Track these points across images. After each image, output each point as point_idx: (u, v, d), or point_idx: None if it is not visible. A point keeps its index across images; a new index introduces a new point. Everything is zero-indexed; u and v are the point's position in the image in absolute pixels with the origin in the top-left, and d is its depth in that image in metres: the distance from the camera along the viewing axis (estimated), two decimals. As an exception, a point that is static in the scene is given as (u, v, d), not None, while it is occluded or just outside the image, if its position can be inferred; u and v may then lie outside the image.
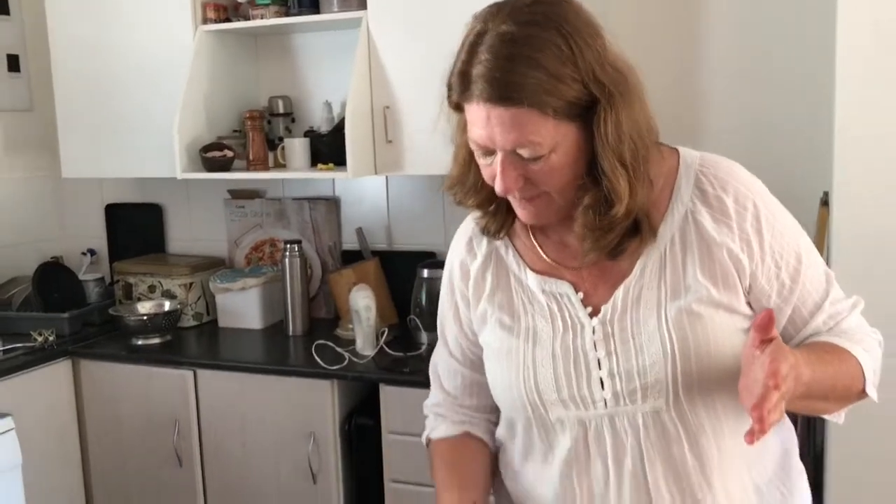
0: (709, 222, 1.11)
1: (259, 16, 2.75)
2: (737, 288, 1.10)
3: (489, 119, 1.03)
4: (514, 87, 1.00)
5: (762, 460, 1.17)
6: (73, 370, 2.85)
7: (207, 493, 2.71)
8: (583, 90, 1.02)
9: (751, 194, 1.12)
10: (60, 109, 3.06)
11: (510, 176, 1.06)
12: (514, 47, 1.01)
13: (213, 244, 3.26)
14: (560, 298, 1.16)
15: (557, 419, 1.14)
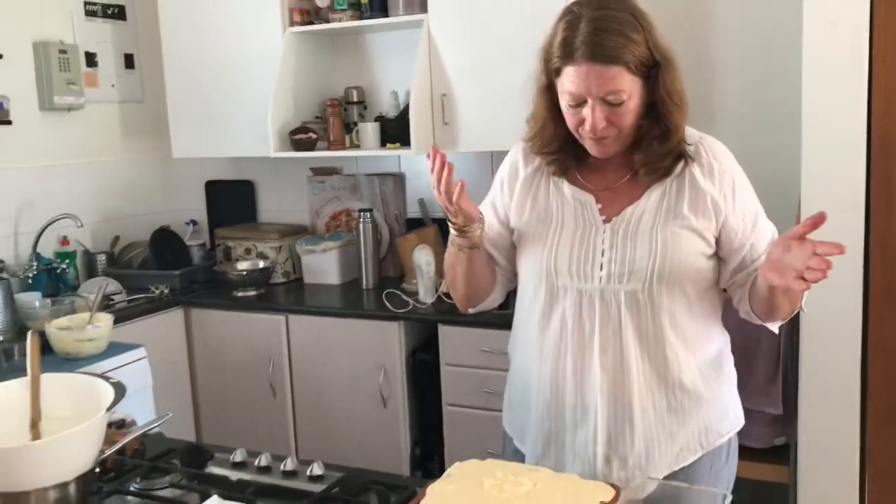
0: (699, 176, 1.57)
1: (337, 19, 3.25)
2: (711, 222, 1.56)
3: (588, 75, 1.44)
4: (609, 49, 1.43)
5: (703, 350, 1.61)
6: (184, 317, 3.42)
7: (297, 417, 3.25)
8: (649, 55, 1.47)
9: (732, 167, 1.59)
10: (171, 99, 3.61)
11: (599, 117, 1.47)
12: (606, 23, 1.45)
13: (298, 214, 3.80)
14: (584, 205, 1.60)
15: (562, 285, 1.58)
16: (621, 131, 1.51)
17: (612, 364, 1.57)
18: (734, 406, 1.71)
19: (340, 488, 1.49)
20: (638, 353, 1.56)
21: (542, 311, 1.63)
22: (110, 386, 1.45)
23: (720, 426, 1.65)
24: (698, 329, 1.61)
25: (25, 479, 1.30)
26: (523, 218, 1.66)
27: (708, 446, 1.63)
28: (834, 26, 2.19)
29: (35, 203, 3.42)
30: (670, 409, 1.59)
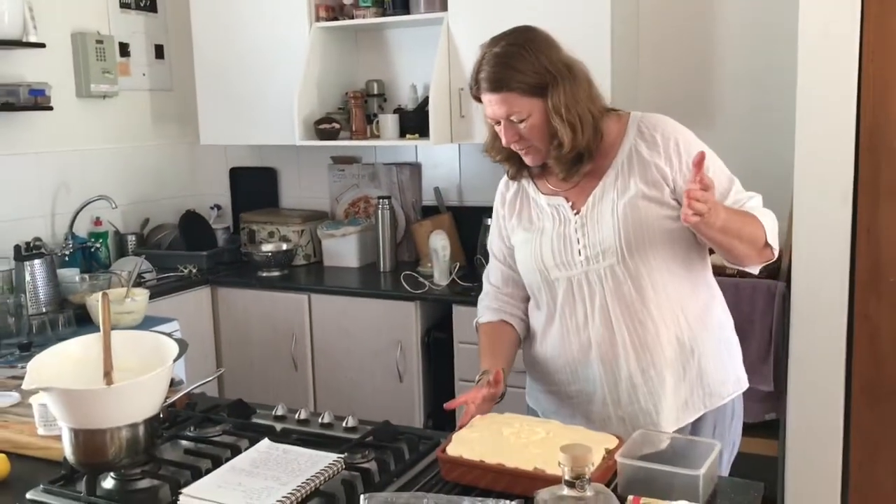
0: (644, 150, 1.73)
1: (361, 15, 3.44)
2: (662, 188, 1.70)
3: (491, 102, 1.70)
4: (500, 80, 1.68)
5: (690, 305, 1.77)
6: (211, 295, 3.62)
7: (316, 390, 3.45)
8: (539, 78, 1.67)
9: (674, 133, 1.74)
10: (200, 89, 3.80)
11: (509, 134, 1.72)
12: (499, 59, 1.68)
13: (318, 200, 3.98)
14: (557, 207, 1.80)
15: (555, 278, 1.78)
16: (536, 143, 1.73)
17: (606, 336, 1.76)
18: (734, 369, 1.87)
19: (374, 437, 1.68)
20: (627, 321, 1.74)
21: (545, 303, 1.84)
22: (174, 342, 1.64)
23: (722, 389, 1.81)
24: (681, 285, 1.76)
25: (103, 419, 1.49)
26: (515, 233, 1.88)
27: (711, 405, 1.80)
28: (826, 31, 2.37)
29: (70, 185, 3.62)
30: (666, 364, 1.75)
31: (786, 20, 2.80)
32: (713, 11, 3.19)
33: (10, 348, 2.71)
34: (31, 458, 1.66)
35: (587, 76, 1.75)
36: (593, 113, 1.73)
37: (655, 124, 1.77)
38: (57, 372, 1.55)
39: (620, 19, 3.07)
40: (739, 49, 3.16)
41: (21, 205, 3.42)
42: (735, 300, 2.79)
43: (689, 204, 1.51)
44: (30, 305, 2.95)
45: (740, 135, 3.18)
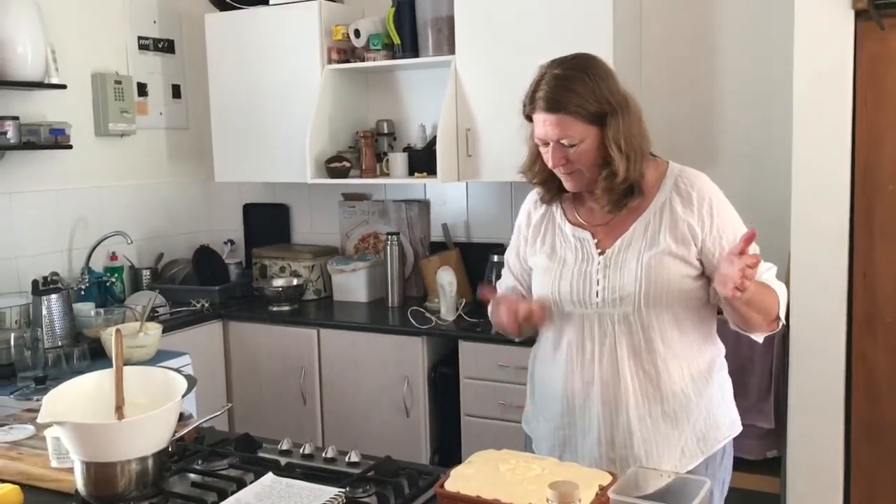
0: (678, 205, 1.76)
1: (372, 58, 3.53)
2: (690, 247, 1.76)
3: (545, 122, 1.73)
4: (559, 102, 1.71)
5: (695, 361, 1.82)
6: (223, 329, 3.68)
7: (325, 424, 3.49)
8: (599, 106, 1.71)
9: (709, 193, 1.78)
10: (215, 127, 3.90)
11: (556, 156, 1.74)
12: (559, 81, 1.72)
13: (329, 236, 4.06)
14: (582, 241, 1.83)
15: (568, 312, 1.82)
16: (582, 169, 1.76)
17: (610, 378, 1.79)
18: (729, 413, 1.90)
19: (375, 472, 1.73)
20: (632, 368, 1.78)
21: (554, 335, 1.88)
22: (183, 378, 1.70)
23: (717, 433, 1.84)
24: (690, 343, 1.80)
25: (113, 452, 1.55)
26: (535, 257, 1.91)
27: (707, 451, 1.83)
28: (819, 77, 2.44)
29: (88, 221, 3.71)
30: (664, 415, 1.79)
31: (782, 66, 2.87)
32: (713, 57, 3.26)
33: (27, 381, 2.79)
34: (44, 490, 1.71)
35: (640, 112, 1.80)
36: (645, 149, 1.78)
37: (693, 181, 1.79)
38: (70, 406, 1.62)
39: (623, 63, 3.14)
40: (738, 94, 3.23)
41: (40, 240, 3.52)
42: (735, 340, 2.81)
43: (741, 282, 1.53)
44: (46, 339, 3.02)
45: (739, 178, 3.23)
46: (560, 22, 3.10)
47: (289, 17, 3.63)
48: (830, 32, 2.45)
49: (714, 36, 3.25)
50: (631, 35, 3.26)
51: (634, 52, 3.32)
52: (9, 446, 1.87)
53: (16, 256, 3.42)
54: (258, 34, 3.71)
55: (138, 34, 3.95)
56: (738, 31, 3.21)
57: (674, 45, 3.32)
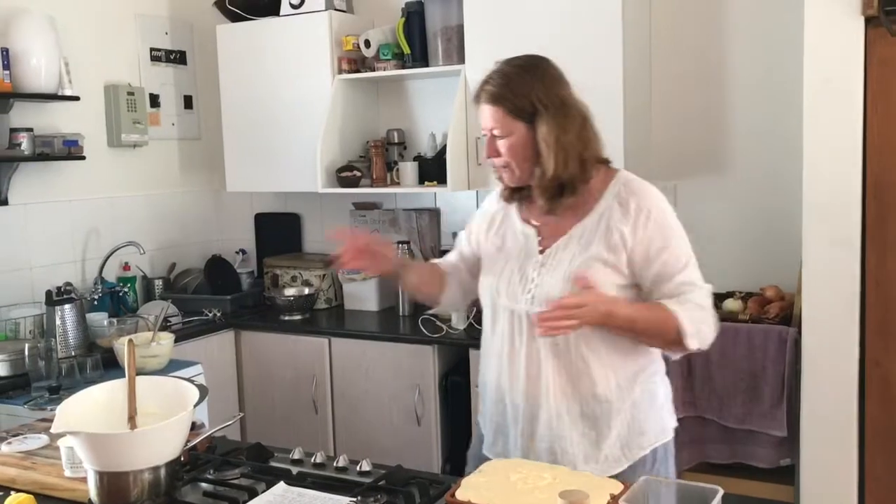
0: (617, 214, 1.80)
1: (382, 68, 3.55)
2: (621, 255, 1.78)
3: (481, 112, 1.83)
4: (492, 95, 1.81)
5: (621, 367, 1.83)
6: (235, 338, 3.70)
7: (336, 432, 3.50)
8: (530, 104, 1.78)
9: (649, 204, 1.80)
10: (227, 138, 3.92)
11: (489, 148, 1.84)
12: (500, 76, 1.82)
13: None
14: (527, 237, 1.90)
15: (502, 306, 1.89)
16: (510, 162, 1.83)
17: (534, 374, 1.85)
18: (659, 421, 1.91)
19: (386, 481, 1.73)
20: (554, 367, 1.83)
21: (491, 327, 1.95)
22: (195, 388, 1.71)
23: (641, 440, 1.86)
24: (616, 349, 1.83)
25: (126, 462, 1.56)
26: (484, 247, 2.00)
27: (632, 458, 1.86)
28: (830, 84, 2.44)
29: (101, 231, 3.74)
30: (583, 416, 1.84)
31: (792, 73, 2.88)
32: (723, 65, 3.26)
33: (40, 391, 2.80)
34: (57, 500, 1.72)
35: (584, 118, 1.85)
36: (581, 152, 1.82)
37: (636, 191, 1.83)
38: (83, 416, 1.63)
39: (632, 71, 3.15)
40: (749, 102, 3.23)
41: (54, 250, 3.54)
42: (748, 346, 2.83)
43: (545, 329, 1.65)
44: (59, 349, 3.04)
45: (750, 186, 3.24)
46: (570, 31, 3.11)
47: (299, 27, 3.65)
48: (840, 38, 2.44)
49: (723, 43, 3.25)
50: (640, 43, 3.27)
51: (644, 61, 3.32)
52: (23, 456, 1.89)
53: (30, 267, 3.45)
54: (269, 45, 3.74)
55: (150, 46, 3.98)
56: (748, 38, 3.21)
57: (683, 53, 3.32)
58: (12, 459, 1.86)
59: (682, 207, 3.33)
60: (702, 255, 3.40)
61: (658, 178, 3.37)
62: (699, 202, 3.34)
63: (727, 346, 2.86)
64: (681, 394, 2.94)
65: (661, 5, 3.33)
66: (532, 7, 3.17)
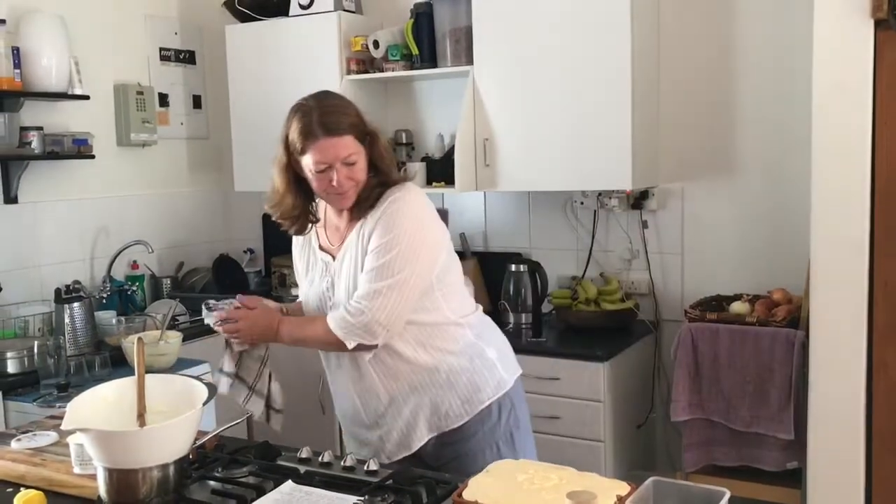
0: (368, 226, 1.99)
1: (390, 69, 3.56)
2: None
3: (328, 146, 1.92)
4: (338, 125, 1.94)
5: (428, 338, 2.05)
6: (242, 337, 3.70)
7: (343, 433, 3.49)
8: (364, 126, 1.99)
9: (391, 219, 1.96)
10: (235, 137, 3.93)
11: (342, 175, 1.94)
12: (329, 108, 1.96)
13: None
14: (326, 264, 2.10)
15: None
16: (357, 185, 1.98)
17: (355, 373, 2.08)
18: (493, 377, 2.12)
19: (394, 480, 1.74)
20: (370, 359, 2.04)
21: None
22: (204, 386, 1.72)
23: (480, 395, 2.08)
24: (418, 327, 2.04)
25: (135, 459, 1.57)
26: (300, 278, 2.24)
27: (472, 411, 2.07)
28: (839, 85, 2.43)
29: (110, 230, 3.75)
30: (412, 388, 2.05)
31: (801, 75, 2.88)
32: (732, 66, 3.26)
33: (49, 388, 2.82)
34: (67, 496, 1.73)
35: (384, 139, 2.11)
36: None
37: (389, 199, 1.99)
38: (93, 413, 1.64)
39: (641, 74, 3.15)
40: (758, 105, 3.23)
41: (63, 249, 3.56)
42: (755, 349, 2.83)
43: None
44: (68, 347, 3.06)
45: (758, 189, 3.24)
46: (578, 33, 3.11)
47: (308, 28, 3.66)
48: (850, 41, 2.44)
49: (732, 45, 3.25)
50: (649, 46, 3.27)
51: (652, 63, 3.32)
52: (32, 452, 1.90)
53: (38, 265, 3.47)
54: (278, 45, 3.75)
55: (160, 45, 4.00)
56: (757, 41, 3.20)
57: (692, 56, 3.32)
58: (22, 456, 1.87)
59: (690, 209, 3.38)
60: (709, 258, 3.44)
61: (666, 180, 3.42)
62: (707, 204, 3.35)
63: (734, 349, 2.86)
64: (688, 396, 2.95)
65: (670, 7, 3.33)
66: (540, 9, 3.18)
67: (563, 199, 3.58)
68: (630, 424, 3.29)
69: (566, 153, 3.19)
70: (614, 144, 3.09)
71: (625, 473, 3.15)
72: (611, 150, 3.10)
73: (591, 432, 3.07)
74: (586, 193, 3.50)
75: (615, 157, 3.09)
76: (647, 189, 3.39)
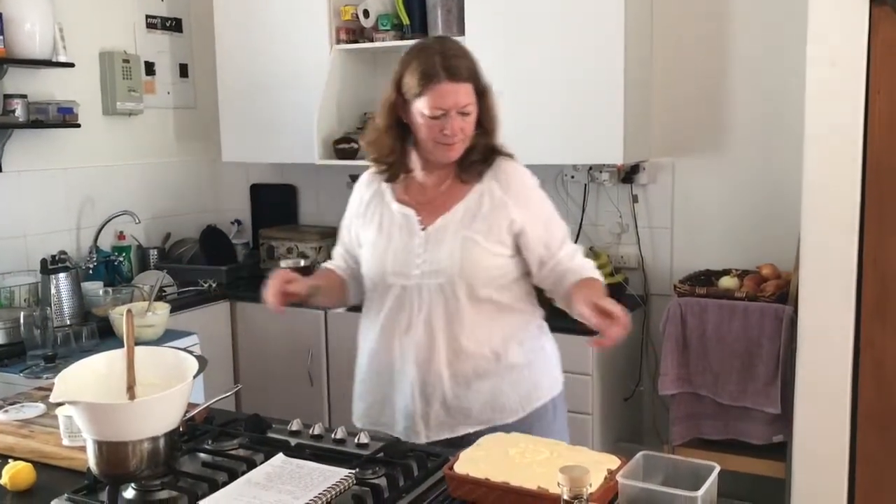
0: (497, 190, 1.92)
1: (380, 38, 3.52)
2: (501, 230, 1.91)
3: (449, 91, 1.83)
4: (461, 71, 1.86)
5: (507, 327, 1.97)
6: (230, 309, 3.69)
7: (331, 405, 3.51)
8: (482, 78, 1.91)
9: (524, 182, 1.94)
10: (222, 107, 3.89)
11: (457, 125, 1.86)
12: (454, 52, 1.89)
13: (336, 217, 3.95)
14: (407, 218, 1.97)
15: (390, 283, 1.96)
16: (466, 138, 1.91)
17: (425, 340, 1.94)
18: (550, 374, 2.07)
19: (385, 454, 1.74)
20: (444, 331, 1.93)
21: (376, 304, 2.02)
22: (194, 358, 1.71)
23: (538, 393, 2.02)
24: (501, 311, 1.96)
25: (125, 432, 1.55)
26: (365, 231, 2.04)
27: (528, 408, 1.99)
28: (833, 63, 2.42)
29: (96, 200, 3.72)
30: (476, 374, 1.95)
31: (795, 54, 2.83)
32: (725, 42, 3.24)
33: (36, 360, 2.80)
34: (56, 468, 1.73)
35: None
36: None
37: (513, 171, 1.96)
38: (82, 385, 1.62)
39: (633, 47, 3.13)
40: (750, 80, 3.22)
41: (48, 219, 3.52)
42: (743, 323, 2.84)
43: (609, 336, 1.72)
44: (55, 318, 3.03)
45: (749, 164, 3.24)
46: (570, 5, 3.08)
47: (297, -4, 3.61)
48: (845, 18, 2.43)
49: (726, 20, 3.23)
50: (642, 18, 3.24)
51: (645, 37, 3.30)
52: (20, 424, 1.89)
53: (24, 235, 3.43)
54: (266, 14, 3.70)
55: (146, 13, 3.94)
56: (751, 17, 3.18)
57: (685, 30, 3.30)
58: (10, 427, 1.86)
59: (680, 184, 3.37)
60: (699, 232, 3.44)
61: (657, 154, 3.41)
62: (697, 179, 3.35)
63: (723, 324, 2.88)
64: (676, 370, 2.96)
65: (664, -20, 3.31)
66: (534, -21, 3.14)
67: (553, 173, 3.56)
68: (618, 397, 3.31)
69: (557, 127, 3.18)
70: (606, 118, 3.08)
71: (612, 446, 3.17)
72: (602, 124, 3.08)
73: (578, 405, 3.08)
74: (577, 167, 3.49)
75: (606, 131, 3.08)
76: (637, 163, 3.38)
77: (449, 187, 1.96)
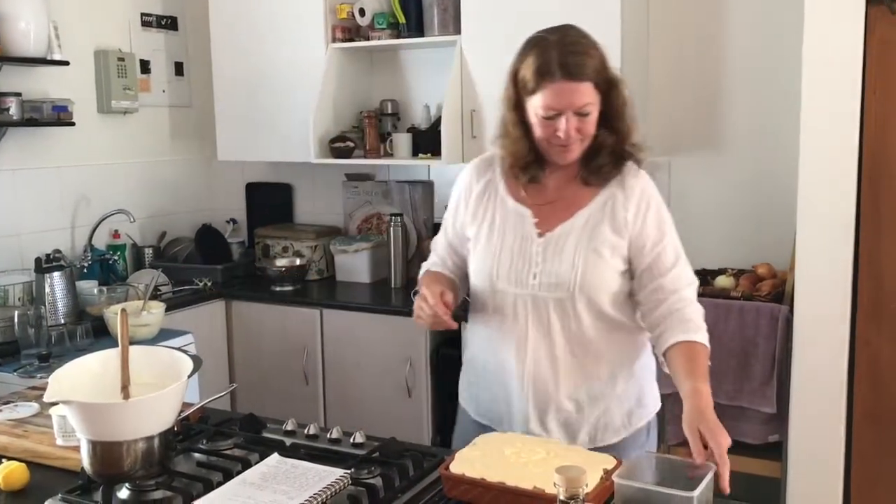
0: (620, 199, 1.79)
1: (376, 37, 3.51)
2: (623, 241, 1.78)
3: (564, 91, 1.68)
4: (580, 68, 1.69)
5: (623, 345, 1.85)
6: (225, 308, 3.68)
7: (327, 404, 3.50)
8: (607, 73, 1.73)
9: (649, 194, 1.82)
10: (218, 106, 3.88)
11: (572, 127, 1.71)
12: (573, 46, 1.71)
13: (332, 216, 4.05)
14: (522, 217, 1.83)
15: (503, 290, 1.82)
16: (585, 139, 1.76)
17: (544, 357, 1.82)
18: (652, 392, 1.95)
19: (380, 453, 1.73)
20: (565, 350, 1.81)
21: (489, 309, 1.87)
22: (189, 358, 1.70)
23: (642, 411, 1.90)
24: (617, 329, 1.84)
25: (120, 431, 1.55)
26: (473, 227, 1.89)
27: (632, 427, 1.89)
28: (829, 62, 2.42)
29: (91, 198, 3.70)
30: (590, 396, 1.84)
31: (791, 53, 2.83)
32: (721, 42, 3.24)
33: (30, 359, 2.79)
34: (50, 468, 1.72)
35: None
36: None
37: (639, 181, 1.83)
38: (76, 385, 1.61)
39: (630, 46, 3.13)
40: (745, 79, 3.21)
41: (43, 217, 3.51)
42: (739, 323, 2.84)
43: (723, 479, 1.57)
44: (49, 317, 3.02)
45: (745, 163, 3.24)
46: (567, 4, 3.07)
47: (293, -6, 3.60)
48: (841, 17, 2.43)
49: (722, 19, 3.23)
50: (639, 18, 3.24)
51: (642, 35, 3.29)
52: (14, 423, 1.88)
53: (18, 234, 3.41)
54: (262, 12, 3.68)
55: (141, 11, 3.92)
56: (748, 15, 3.18)
57: (681, 30, 3.30)
58: (4, 427, 1.85)
59: (676, 183, 3.37)
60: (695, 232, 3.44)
61: (653, 154, 3.38)
62: (693, 178, 3.34)
63: (718, 323, 2.87)
64: (671, 370, 2.96)
65: (660, -21, 3.30)
66: (530, -22, 3.14)
67: (549, 172, 3.56)
68: (613, 397, 3.31)
69: (553, 125, 3.17)
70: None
71: (608, 446, 3.17)
72: (598, 123, 3.07)
73: (574, 405, 3.08)
74: (573, 166, 3.48)
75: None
76: (633, 163, 3.37)
77: (571, 190, 1.82)
